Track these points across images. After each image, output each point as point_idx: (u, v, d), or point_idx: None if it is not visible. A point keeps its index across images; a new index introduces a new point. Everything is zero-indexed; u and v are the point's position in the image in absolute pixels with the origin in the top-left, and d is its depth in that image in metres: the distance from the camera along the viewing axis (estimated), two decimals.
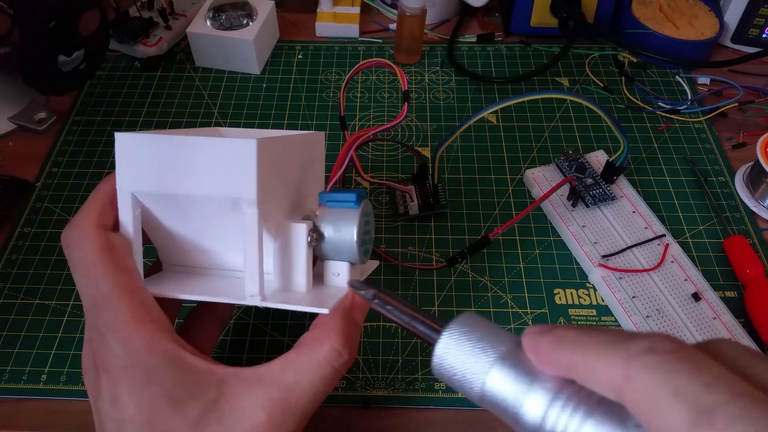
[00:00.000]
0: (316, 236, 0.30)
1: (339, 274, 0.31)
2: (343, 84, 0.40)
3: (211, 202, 0.27)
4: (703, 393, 0.15)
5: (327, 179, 0.39)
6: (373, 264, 0.35)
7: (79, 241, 0.27)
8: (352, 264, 0.31)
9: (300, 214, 0.32)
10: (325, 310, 0.28)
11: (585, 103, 0.40)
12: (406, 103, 0.40)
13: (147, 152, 0.27)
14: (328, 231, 0.30)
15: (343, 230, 0.30)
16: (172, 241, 0.30)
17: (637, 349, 0.17)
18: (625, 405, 0.17)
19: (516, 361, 0.20)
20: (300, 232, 0.29)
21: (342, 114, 0.41)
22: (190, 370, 0.26)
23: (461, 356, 0.21)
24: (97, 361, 0.26)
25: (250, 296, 0.27)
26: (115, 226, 0.29)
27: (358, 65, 0.40)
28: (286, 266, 0.30)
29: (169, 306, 0.29)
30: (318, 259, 0.32)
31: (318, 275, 0.31)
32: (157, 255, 0.32)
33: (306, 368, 0.27)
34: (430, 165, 0.45)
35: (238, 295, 0.28)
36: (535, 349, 0.20)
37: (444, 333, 0.22)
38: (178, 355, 0.26)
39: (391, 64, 0.40)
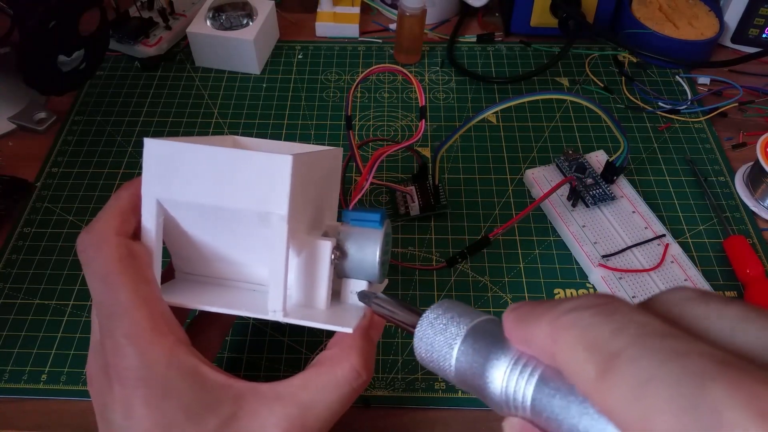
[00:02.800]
0: (339, 254, 0.30)
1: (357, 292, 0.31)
2: (354, 85, 0.40)
3: (239, 215, 0.27)
4: (611, 339, 0.15)
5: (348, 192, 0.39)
6: (385, 282, 0.36)
7: (98, 247, 0.27)
8: (370, 283, 0.31)
9: (318, 229, 0.32)
10: (348, 330, 0.28)
11: (585, 103, 0.40)
12: (423, 120, 0.39)
13: (176, 160, 0.27)
14: (351, 249, 0.30)
15: (366, 250, 0.30)
16: (190, 250, 0.30)
17: (562, 311, 0.17)
18: (558, 367, 0.17)
19: (479, 335, 0.20)
20: (325, 249, 0.29)
21: (349, 113, 0.41)
22: (208, 384, 0.25)
23: (434, 338, 0.21)
24: (111, 371, 0.25)
25: (273, 311, 0.27)
26: (136, 234, 0.28)
27: (372, 68, 0.39)
28: (308, 282, 0.30)
29: (177, 314, 0.29)
30: (335, 276, 0.32)
31: (334, 292, 0.31)
32: (170, 262, 0.32)
33: (325, 387, 0.27)
34: (431, 165, 0.45)
35: (260, 309, 0.28)
36: (505, 327, 0.19)
37: (419, 321, 0.22)
38: (197, 368, 0.26)
39: (410, 75, 0.39)
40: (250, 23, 0.56)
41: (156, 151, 0.27)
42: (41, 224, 0.46)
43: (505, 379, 0.19)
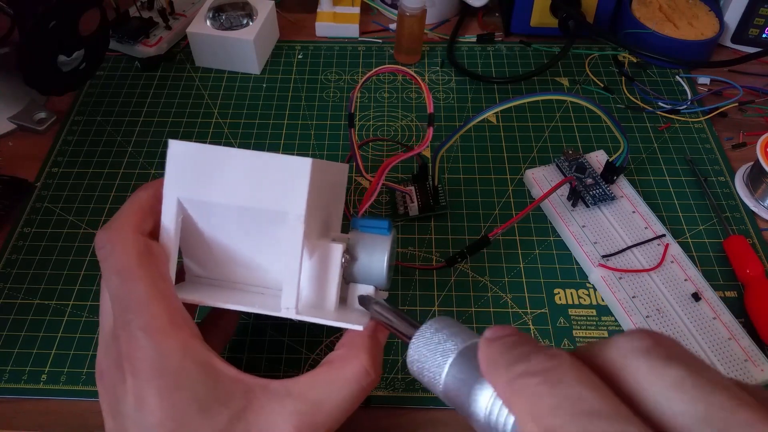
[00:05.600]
0: (348, 258, 0.31)
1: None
2: (360, 83, 0.40)
3: (256, 214, 0.28)
4: (550, 415, 0.16)
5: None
6: (386, 294, 0.36)
7: (117, 243, 0.27)
8: (377, 288, 0.32)
9: (326, 237, 0.33)
10: (359, 327, 0.29)
11: (585, 103, 0.40)
12: (431, 128, 0.39)
13: (198, 161, 0.28)
14: (360, 254, 0.31)
15: (375, 255, 0.31)
16: (204, 252, 0.31)
17: (515, 374, 0.18)
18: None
19: (470, 357, 0.21)
20: (336, 252, 0.30)
21: (352, 111, 0.41)
22: (220, 378, 0.26)
23: (427, 354, 0.22)
24: (124, 363, 0.25)
25: (286, 308, 0.28)
26: (153, 233, 0.29)
27: (378, 68, 0.38)
28: (318, 284, 0.30)
29: None
30: (343, 281, 0.32)
31: (340, 298, 0.32)
32: (180, 267, 0.32)
33: (335, 385, 0.27)
34: (431, 166, 0.45)
35: (272, 307, 0.29)
36: (480, 362, 0.20)
37: (415, 333, 0.23)
38: (210, 361, 0.26)
39: (419, 79, 0.39)
40: (250, 23, 0.56)
41: (179, 152, 0.28)
42: (41, 224, 0.46)
43: (490, 403, 0.19)
